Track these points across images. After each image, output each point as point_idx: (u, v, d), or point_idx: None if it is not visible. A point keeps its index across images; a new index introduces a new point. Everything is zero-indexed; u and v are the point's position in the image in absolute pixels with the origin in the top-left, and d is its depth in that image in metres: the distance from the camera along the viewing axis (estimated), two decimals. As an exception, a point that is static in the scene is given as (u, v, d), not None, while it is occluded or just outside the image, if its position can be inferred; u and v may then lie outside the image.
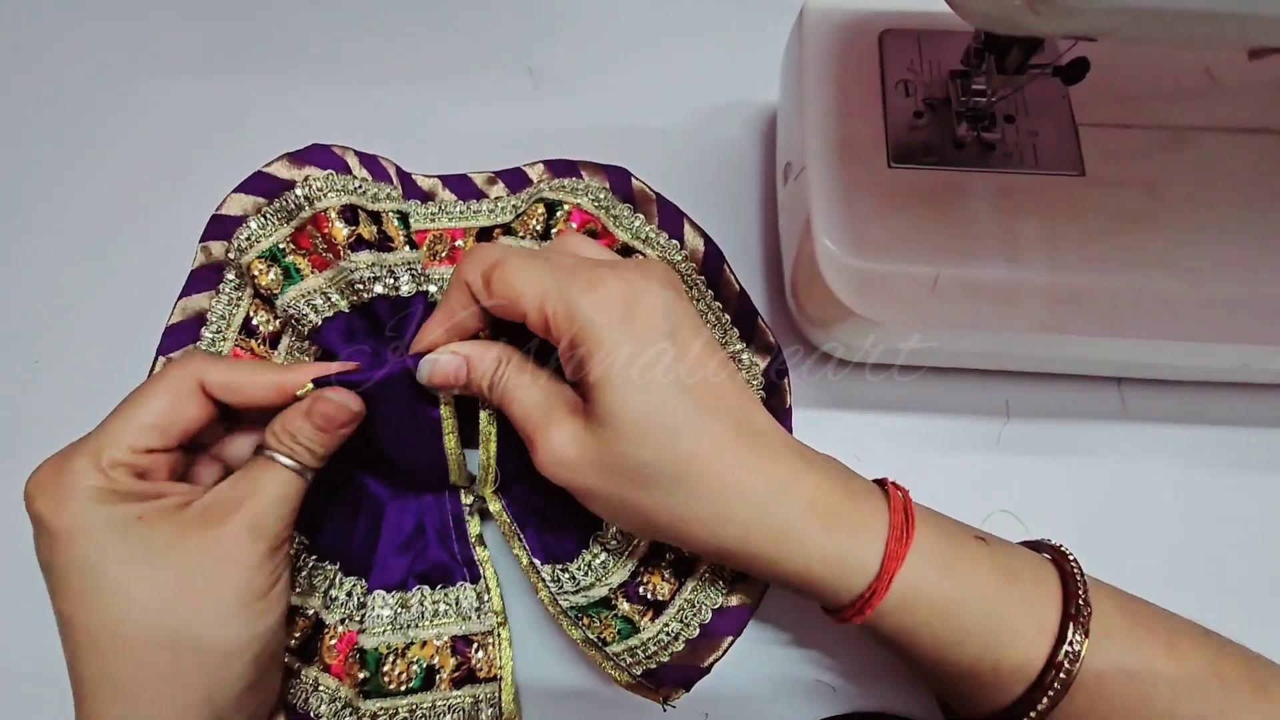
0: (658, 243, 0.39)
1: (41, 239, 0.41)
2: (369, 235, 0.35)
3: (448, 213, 0.41)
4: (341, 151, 0.38)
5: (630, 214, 0.40)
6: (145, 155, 0.43)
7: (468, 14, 0.49)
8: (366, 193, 0.37)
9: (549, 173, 0.42)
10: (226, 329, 0.36)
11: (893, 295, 0.34)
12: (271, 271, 0.35)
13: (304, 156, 0.37)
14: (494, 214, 0.41)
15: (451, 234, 0.40)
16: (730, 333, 0.38)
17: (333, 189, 0.36)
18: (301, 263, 0.35)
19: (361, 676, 0.31)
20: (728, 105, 0.46)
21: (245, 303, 0.37)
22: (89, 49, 0.47)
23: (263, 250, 0.35)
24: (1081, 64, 0.33)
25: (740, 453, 0.26)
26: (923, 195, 0.35)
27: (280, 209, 0.36)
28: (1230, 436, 0.38)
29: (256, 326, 0.36)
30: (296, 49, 0.47)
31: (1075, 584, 0.26)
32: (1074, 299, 0.33)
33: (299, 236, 0.35)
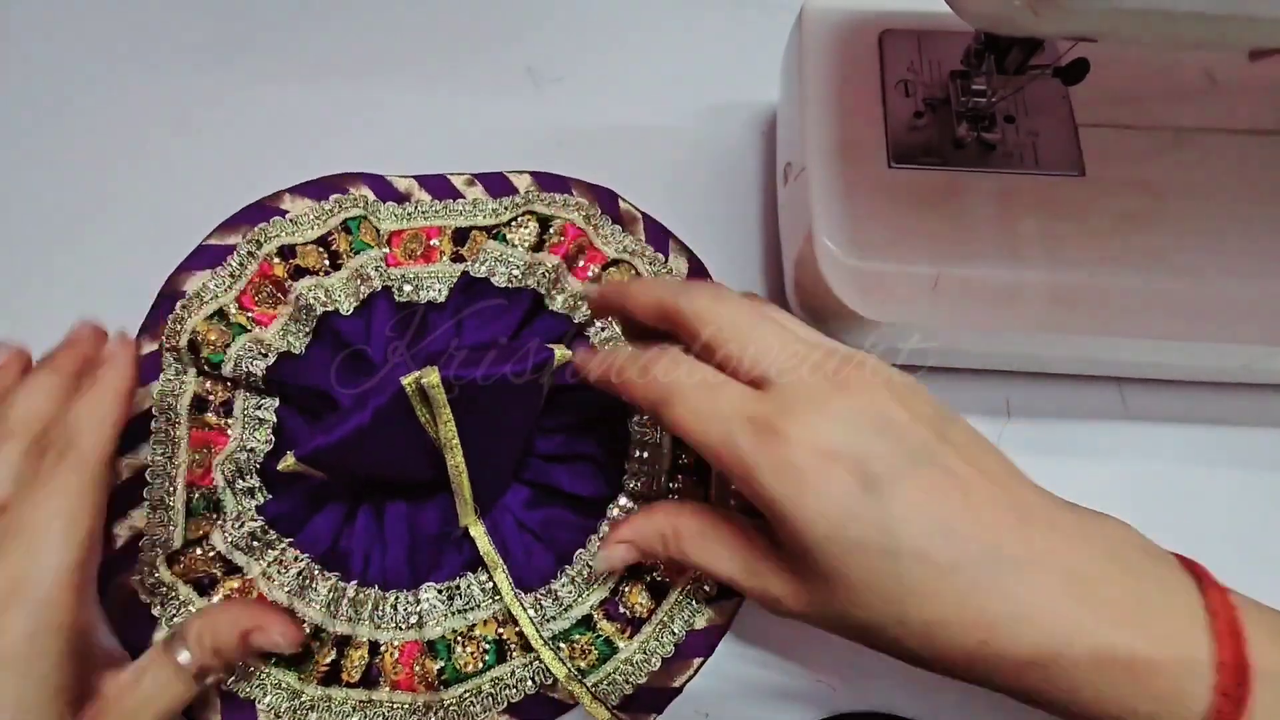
0: (643, 255, 0.40)
1: (41, 239, 0.41)
2: (313, 264, 0.38)
3: (423, 212, 0.41)
4: (275, 200, 0.40)
5: (618, 232, 0.41)
6: (145, 155, 0.43)
7: (468, 14, 0.49)
8: (311, 220, 0.39)
9: (537, 185, 0.42)
10: (175, 415, 0.36)
11: (893, 295, 0.34)
12: (218, 330, 0.36)
13: (237, 219, 0.40)
14: (470, 215, 0.41)
15: (427, 232, 0.40)
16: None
17: (269, 236, 0.39)
18: (245, 321, 0.37)
19: (437, 668, 0.31)
20: (728, 105, 0.46)
21: (190, 383, 0.36)
22: (89, 49, 0.47)
23: (210, 312, 0.36)
24: (1081, 64, 0.33)
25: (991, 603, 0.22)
26: (923, 195, 0.35)
27: (225, 274, 0.38)
28: (1230, 436, 0.38)
29: (207, 400, 0.36)
30: (296, 48, 0.47)
31: None
32: (1074, 299, 0.33)
33: (242, 297, 0.37)
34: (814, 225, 0.34)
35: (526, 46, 0.48)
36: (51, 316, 0.39)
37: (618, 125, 0.45)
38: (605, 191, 0.42)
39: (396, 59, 0.47)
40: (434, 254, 0.40)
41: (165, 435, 0.35)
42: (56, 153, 0.44)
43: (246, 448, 0.35)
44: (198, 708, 0.31)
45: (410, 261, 0.40)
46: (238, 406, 0.36)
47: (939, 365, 0.38)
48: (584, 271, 0.39)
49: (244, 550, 0.32)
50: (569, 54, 0.48)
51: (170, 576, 0.32)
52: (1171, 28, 0.25)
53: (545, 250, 0.38)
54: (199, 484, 0.35)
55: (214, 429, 0.36)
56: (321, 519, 0.34)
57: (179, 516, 0.34)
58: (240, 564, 0.32)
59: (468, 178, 0.42)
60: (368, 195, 0.41)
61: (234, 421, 0.36)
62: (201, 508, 0.34)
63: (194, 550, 0.33)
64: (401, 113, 0.45)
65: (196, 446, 0.35)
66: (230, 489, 0.34)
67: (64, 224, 0.42)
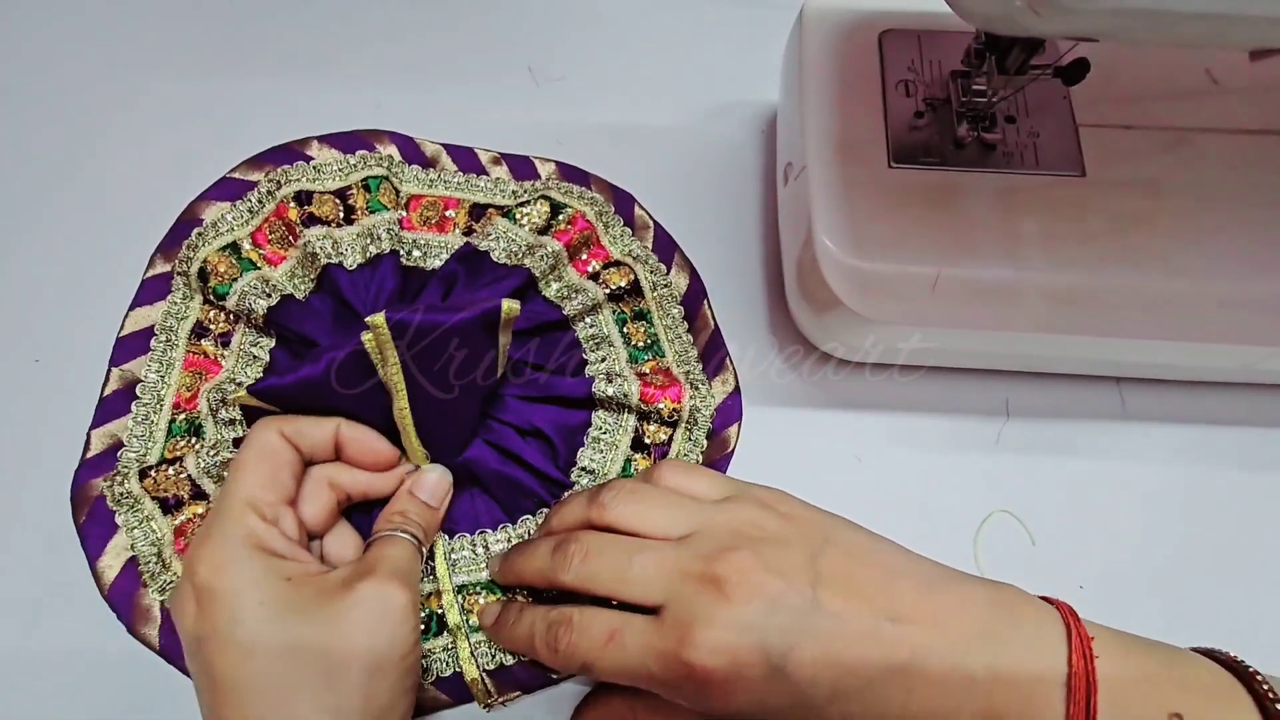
0: (646, 262, 0.40)
1: (42, 238, 0.41)
2: (326, 213, 0.38)
3: (445, 181, 0.42)
4: (302, 145, 0.41)
5: (628, 234, 0.41)
6: (145, 155, 0.43)
7: (468, 13, 0.49)
8: (327, 173, 0.40)
9: (559, 173, 0.42)
10: (175, 337, 0.37)
11: (893, 295, 0.34)
12: (229, 260, 0.37)
13: (263, 157, 0.41)
14: (491, 192, 0.42)
15: (445, 202, 0.41)
16: (694, 364, 0.38)
17: (289, 179, 0.39)
18: (256, 257, 0.38)
19: None
20: (728, 105, 0.46)
21: (194, 309, 0.38)
22: (89, 49, 0.47)
23: (225, 243, 0.38)
24: (1082, 65, 0.33)
25: (897, 711, 0.25)
26: (923, 195, 0.35)
27: (244, 208, 0.39)
28: (1230, 436, 0.38)
29: (207, 327, 0.37)
30: (297, 48, 0.47)
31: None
32: (1074, 299, 0.33)
33: (256, 234, 0.38)
34: (814, 225, 0.34)
35: (526, 46, 0.48)
36: (52, 318, 0.39)
37: (618, 124, 0.45)
38: (624, 194, 0.42)
39: (397, 58, 0.47)
40: (448, 224, 0.40)
41: (162, 355, 0.37)
42: (57, 153, 0.44)
43: (236, 380, 0.36)
44: (140, 622, 0.32)
45: (424, 228, 0.40)
46: (235, 340, 0.37)
47: (939, 365, 0.38)
48: (585, 265, 0.39)
49: (213, 478, 0.33)
50: (569, 54, 0.48)
51: (139, 489, 0.33)
52: (1171, 28, 0.25)
53: (550, 234, 0.39)
54: (185, 407, 0.36)
55: (209, 357, 0.37)
56: None
57: (160, 434, 0.35)
58: (208, 491, 0.33)
59: (494, 155, 0.43)
60: (394, 155, 0.42)
61: (229, 353, 0.37)
62: (183, 430, 0.35)
63: (166, 469, 0.33)
64: (402, 112, 0.45)
65: (189, 371, 0.36)
66: (213, 417, 0.35)
67: (65, 224, 0.42)
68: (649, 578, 0.27)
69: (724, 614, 0.26)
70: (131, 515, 0.33)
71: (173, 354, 0.37)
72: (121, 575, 0.33)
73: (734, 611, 0.26)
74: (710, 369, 0.38)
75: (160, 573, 0.33)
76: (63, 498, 0.34)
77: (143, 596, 0.32)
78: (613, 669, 0.27)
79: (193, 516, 0.33)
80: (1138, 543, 0.36)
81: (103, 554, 0.33)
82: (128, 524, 0.33)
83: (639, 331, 0.39)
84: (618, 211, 0.41)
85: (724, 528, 0.28)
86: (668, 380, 0.37)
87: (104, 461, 0.35)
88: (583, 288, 0.38)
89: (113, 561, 0.33)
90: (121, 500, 0.33)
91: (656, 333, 0.39)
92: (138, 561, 0.33)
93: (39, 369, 0.38)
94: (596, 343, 0.38)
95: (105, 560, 0.33)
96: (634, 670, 0.27)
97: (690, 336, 0.39)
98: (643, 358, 0.38)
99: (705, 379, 0.38)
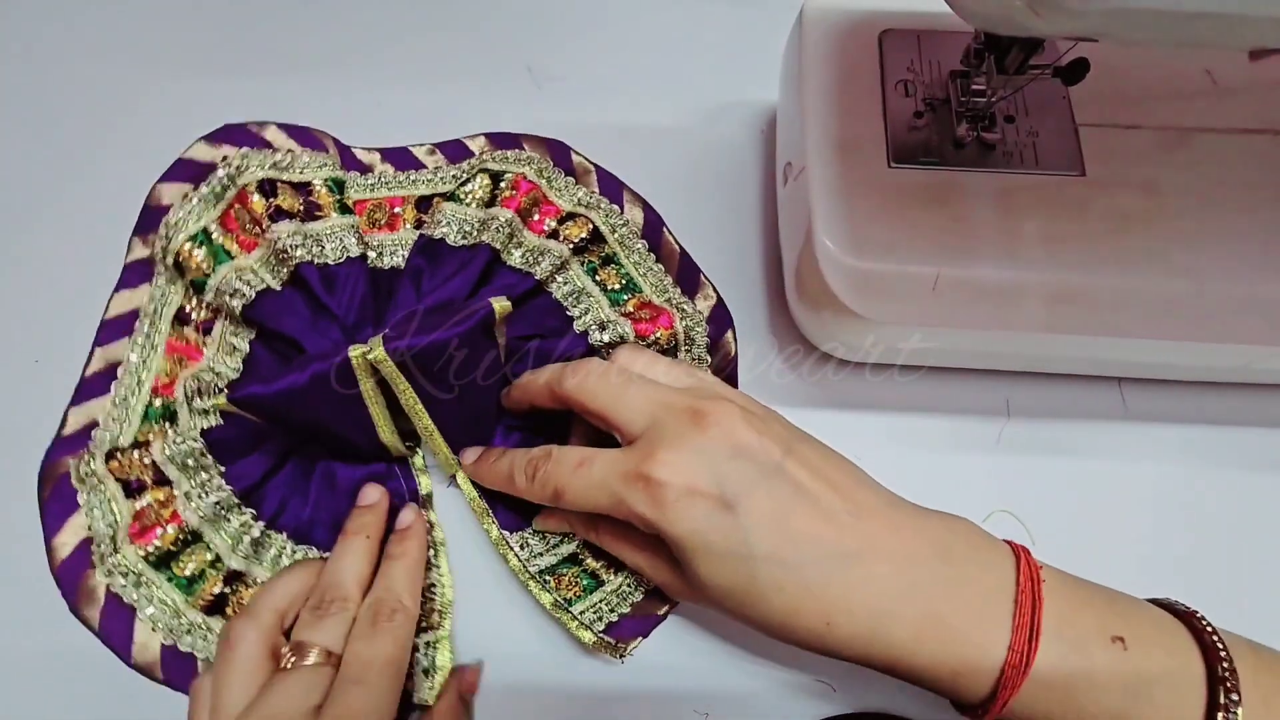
0: (599, 207, 0.41)
1: (42, 238, 0.41)
2: (290, 206, 0.38)
3: (386, 183, 0.42)
4: (259, 128, 0.41)
5: (572, 184, 0.41)
6: (145, 155, 0.43)
7: (468, 13, 0.49)
8: (293, 164, 0.39)
9: (491, 145, 0.43)
10: (159, 321, 0.37)
11: (893, 295, 0.34)
12: (201, 253, 0.36)
13: (220, 136, 0.40)
14: (432, 183, 0.42)
15: (390, 202, 0.41)
16: (673, 290, 0.39)
17: (251, 165, 0.38)
18: (230, 244, 0.37)
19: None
20: (728, 105, 0.46)
21: (177, 295, 0.38)
22: (89, 49, 0.47)
23: (191, 233, 0.37)
24: (1081, 64, 0.33)
25: (831, 594, 0.26)
26: (923, 195, 0.35)
27: (207, 192, 0.38)
28: (1230, 436, 0.38)
29: (190, 314, 0.37)
30: (296, 48, 0.47)
31: (1226, 701, 0.24)
32: (1074, 299, 0.33)
33: (226, 219, 0.38)
34: (814, 225, 0.34)
35: (526, 46, 0.48)
36: (52, 318, 0.39)
37: (618, 125, 0.45)
38: (556, 144, 0.43)
39: (397, 58, 0.47)
40: (398, 222, 0.40)
41: (145, 338, 0.37)
42: (57, 152, 0.44)
43: (214, 369, 0.36)
44: (83, 603, 0.32)
45: (375, 230, 0.40)
46: (217, 329, 0.37)
47: (939, 365, 0.38)
48: (540, 225, 0.40)
49: (177, 466, 0.33)
50: (569, 54, 0.48)
51: (104, 470, 0.33)
52: (1171, 28, 0.25)
53: (498, 204, 0.39)
54: (162, 392, 0.36)
55: (191, 344, 0.37)
56: (256, 457, 0.34)
57: (135, 417, 0.35)
58: (171, 477, 0.33)
59: (428, 148, 0.43)
60: (338, 159, 0.42)
61: (210, 342, 0.37)
62: (158, 415, 0.35)
63: (132, 452, 0.34)
64: (402, 112, 0.45)
65: (171, 356, 0.36)
66: (187, 404, 0.35)
67: (65, 223, 0.42)
68: (640, 404, 0.29)
69: (694, 441, 0.27)
70: (94, 495, 0.33)
71: (156, 338, 0.37)
72: (73, 555, 0.33)
73: (703, 442, 0.27)
74: (688, 290, 0.40)
75: (109, 555, 0.33)
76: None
77: (90, 578, 0.33)
78: (579, 490, 0.29)
79: (152, 502, 0.33)
80: (1138, 543, 0.36)
81: (60, 530, 0.33)
82: (88, 504, 0.33)
83: (611, 275, 0.39)
84: (556, 164, 0.42)
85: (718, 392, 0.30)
86: (654, 312, 0.38)
87: (78, 440, 0.35)
88: (546, 248, 0.39)
89: (68, 539, 0.33)
90: (85, 479, 0.33)
91: (628, 271, 0.40)
92: (91, 542, 0.33)
93: (38, 369, 0.38)
94: (576, 298, 0.39)
95: (61, 538, 0.33)
96: (597, 489, 0.29)
97: (660, 266, 0.40)
98: (622, 298, 0.39)
99: (688, 300, 0.39)
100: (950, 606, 0.26)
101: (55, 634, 0.32)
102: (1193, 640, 0.26)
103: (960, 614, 0.26)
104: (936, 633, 0.26)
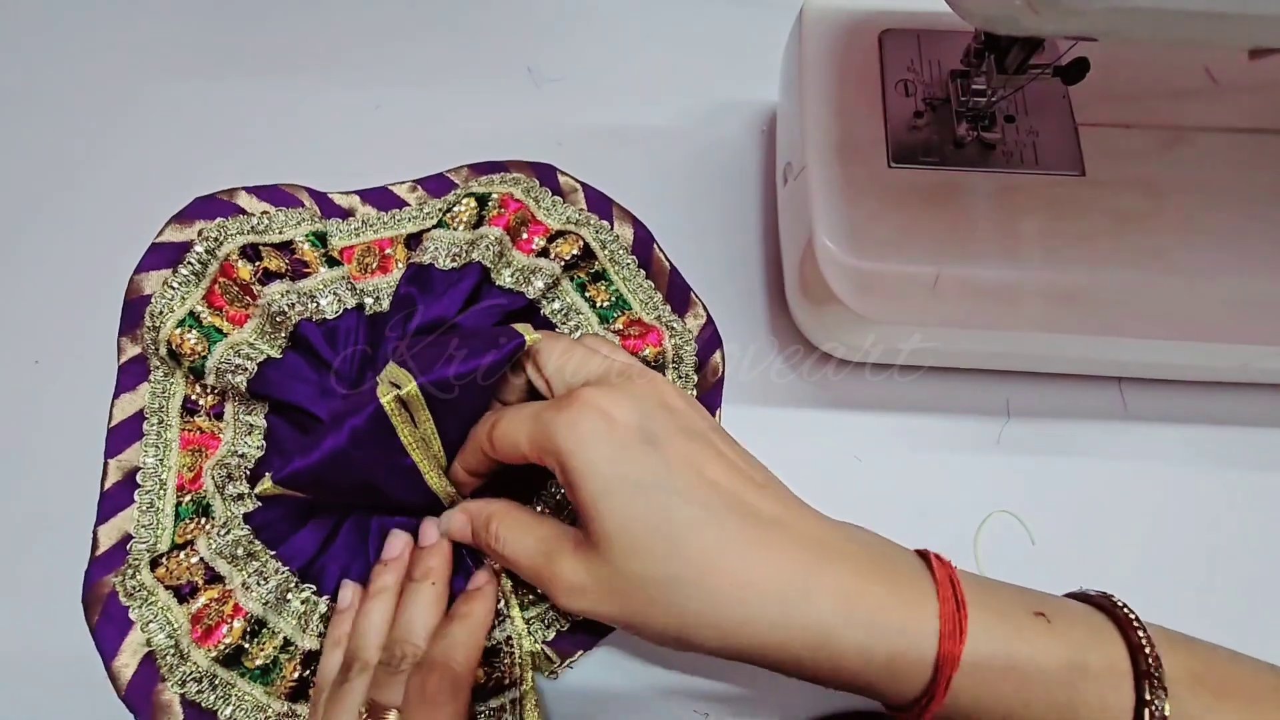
0: (588, 224, 0.40)
1: (42, 239, 0.41)
2: (276, 267, 0.36)
3: (371, 225, 0.41)
4: (229, 195, 0.40)
5: (560, 203, 0.41)
6: (145, 155, 0.43)
7: (468, 13, 0.49)
8: (270, 226, 0.38)
9: (472, 173, 0.42)
10: (167, 417, 0.36)
11: (893, 295, 0.34)
12: (193, 336, 0.35)
13: (191, 213, 0.39)
14: (418, 219, 0.41)
15: (379, 244, 0.40)
16: (663, 307, 0.39)
17: (229, 234, 0.37)
18: (220, 322, 0.36)
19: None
20: (728, 105, 0.46)
21: (179, 387, 0.36)
22: (90, 49, 0.47)
23: (179, 318, 0.35)
24: (1081, 64, 0.33)
25: (747, 550, 0.25)
26: (923, 195, 0.35)
27: (187, 272, 0.36)
28: (1230, 436, 0.38)
29: (196, 403, 0.36)
30: (297, 49, 0.47)
31: (1146, 662, 0.24)
32: (1074, 299, 0.33)
33: (211, 296, 0.36)
34: (814, 225, 0.34)
35: (526, 46, 0.48)
36: (52, 318, 0.39)
37: (618, 125, 0.45)
38: (543, 166, 0.42)
39: (397, 59, 0.47)
40: (390, 264, 0.40)
41: (156, 438, 0.35)
42: (57, 153, 0.44)
43: (238, 453, 0.35)
44: (159, 716, 0.31)
45: (367, 275, 0.39)
46: (228, 411, 0.36)
47: (939, 365, 0.38)
48: (528, 244, 0.39)
49: (227, 559, 0.32)
50: (569, 54, 0.48)
51: (152, 580, 0.32)
52: (1171, 28, 0.25)
53: (485, 224, 0.39)
54: (189, 488, 0.35)
55: (205, 433, 0.35)
56: (307, 531, 0.33)
57: (168, 520, 0.34)
58: (223, 573, 0.32)
59: (410, 184, 0.42)
60: (316, 210, 0.41)
61: (225, 425, 0.36)
62: (190, 511, 0.34)
63: (177, 555, 0.32)
64: (402, 112, 0.45)
65: (188, 449, 0.35)
66: (220, 494, 0.34)
67: (65, 224, 0.42)
68: (585, 365, 0.30)
69: (626, 389, 0.28)
70: (146, 608, 0.32)
71: (168, 435, 0.35)
72: (138, 674, 0.31)
73: (633, 389, 0.28)
74: (678, 307, 0.39)
75: (179, 665, 0.31)
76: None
77: (161, 692, 0.31)
78: (508, 419, 0.29)
79: (209, 601, 0.32)
80: (1138, 543, 0.36)
81: (118, 653, 0.32)
82: (142, 618, 0.32)
83: (601, 291, 0.39)
84: (543, 184, 0.42)
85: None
86: (643, 329, 0.38)
87: (114, 557, 0.33)
88: (536, 267, 0.38)
89: (129, 660, 0.32)
90: (134, 594, 0.32)
91: (617, 288, 0.39)
92: (154, 656, 0.32)
93: (38, 369, 0.38)
94: (565, 315, 0.39)
95: (121, 660, 0.31)
96: (526, 419, 0.28)
97: (650, 282, 0.40)
98: (612, 315, 0.39)
99: (677, 318, 0.39)
100: (869, 586, 0.25)
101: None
102: (1106, 617, 0.26)
103: (881, 595, 0.25)
104: (857, 610, 0.24)
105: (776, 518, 0.26)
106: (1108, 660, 0.25)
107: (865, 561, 0.26)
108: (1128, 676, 0.24)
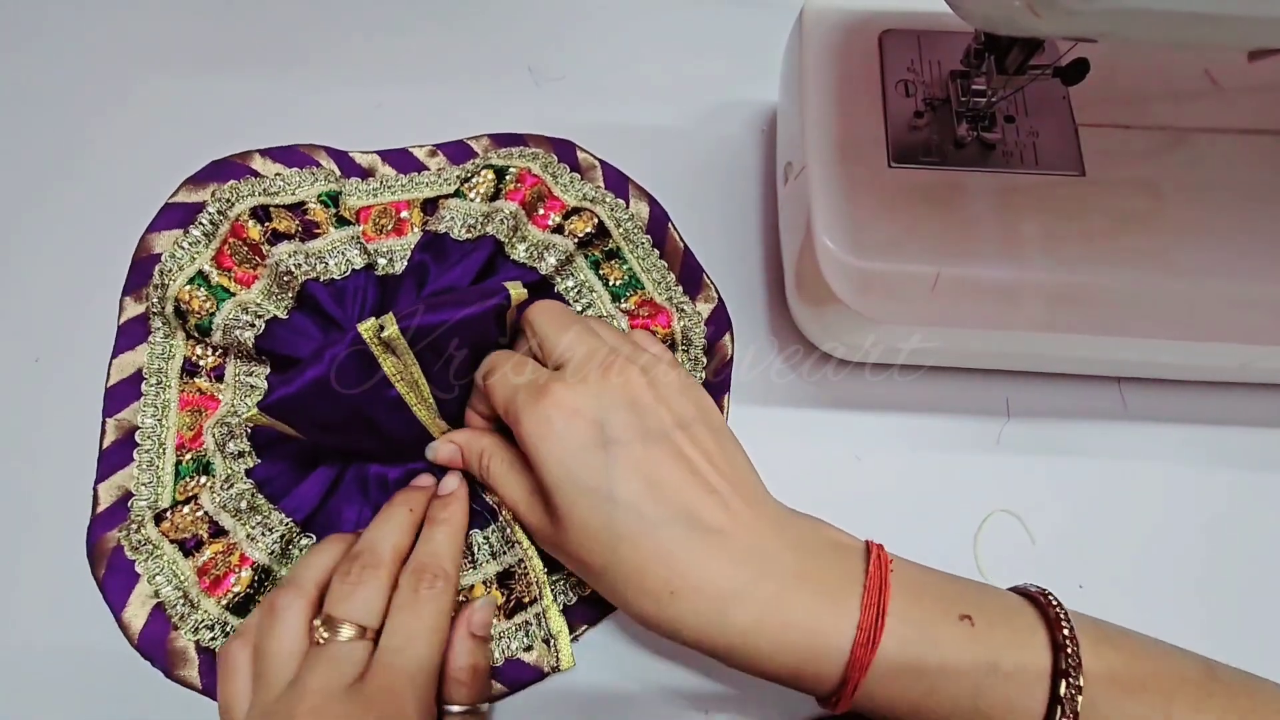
0: (604, 201, 0.41)
1: (42, 238, 0.41)
2: (287, 228, 0.37)
3: (389, 187, 0.41)
4: (244, 159, 0.40)
5: (577, 180, 0.41)
6: (145, 155, 0.43)
7: (468, 13, 0.49)
8: (283, 188, 0.38)
9: (494, 144, 0.43)
10: (166, 379, 0.36)
11: (893, 295, 0.34)
12: (202, 294, 0.36)
13: (205, 175, 0.39)
14: (436, 185, 0.41)
15: (396, 206, 0.41)
16: (675, 289, 0.39)
17: (241, 195, 0.38)
18: (228, 282, 0.36)
19: None
20: (728, 105, 0.46)
21: (179, 348, 0.37)
22: (89, 49, 0.47)
23: (190, 275, 0.36)
24: (1082, 65, 0.33)
25: (680, 560, 0.26)
26: (923, 195, 0.35)
27: (199, 232, 0.37)
28: (1230, 436, 0.38)
29: (197, 364, 0.36)
30: (297, 48, 0.47)
31: (1066, 661, 0.25)
32: (1074, 299, 0.33)
33: (220, 256, 0.37)
34: (814, 225, 0.34)
35: (527, 46, 0.48)
36: (52, 318, 0.39)
37: (618, 124, 0.45)
38: (563, 142, 0.43)
39: (397, 58, 0.47)
40: (405, 226, 0.40)
41: (155, 398, 0.36)
42: (57, 152, 0.44)
43: (238, 413, 0.35)
44: (176, 665, 0.32)
45: (382, 236, 0.40)
46: (229, 372, 0.36)
47: (939, 365, 0.38)
48: (544, 220, 0.39)
49: (230, 513, 0.33)
50: (569, 53, 0.48)
51: (156, 534, 0.33)
52: (1171, 29, 0.25)
53: (502, 198, 0.39)
54: (189, 446, 0.35)
55: (205, 394, 0.36)
56: (309, 483, 0.34)
57: (168, 478, 0.35)
58: (226, 526, 0.33)
59: (430, 149, 0.43)
60: (334, 169, 0.41)
61: (225, 387, 0.36)
62: (191, 470, 0.35)
63: (181, 510, 0.33)
64: (402, 112, 0.45)
65: (187, 410, 0.36)
66: (220, 452, 0.34)
67: (65, 223, 0.42)
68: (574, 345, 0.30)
69: (598, 382, 0.29)
70: (152, 561, 0.32)
71: (166, 395, 0.36)
72: (149, 623, 0.32)
73: (603, 386, 0.29)
74: (691, 289, 0.40)
75: (190, 614, 0.32)
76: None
77: (175, 639, 0.32)
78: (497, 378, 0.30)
79: (214, 555, 0.32)
80: (1138, 543, 0.36)
81: (126, 605, 0.32)
82: (149, 571, 0.32)
83: (615, 270, 0.39)
84: (562, 160, 0.42)
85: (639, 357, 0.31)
86: (654, 310, 0.38)
87: (115, 514, 0.34)
88: (551, 243, 0.39)
89: (137, 610, 0.32)
90: (139, 547, 0.33)
91: (631, 267, 0.40)
92: (164, 607, 0.32)
93: (38, 368, 0.38)
94: (579, 293, 0.39)
95: (130, 611, 0.32)
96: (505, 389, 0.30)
97: (664, 262, 0.40)
98: (625, 294, 0.39)
99: (688, 299, 0.39)
100: (795, 596, 0.26)
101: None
102: (1038, 615, 0.26)
103: (805, 604, 0.26)
104: (778, 620, 0.26)
105: (719, 528, 0.27)
106: (1023, 660, 0.25)
107: (797, 572, 0.27)
108: (1044, 676, 0.25)
